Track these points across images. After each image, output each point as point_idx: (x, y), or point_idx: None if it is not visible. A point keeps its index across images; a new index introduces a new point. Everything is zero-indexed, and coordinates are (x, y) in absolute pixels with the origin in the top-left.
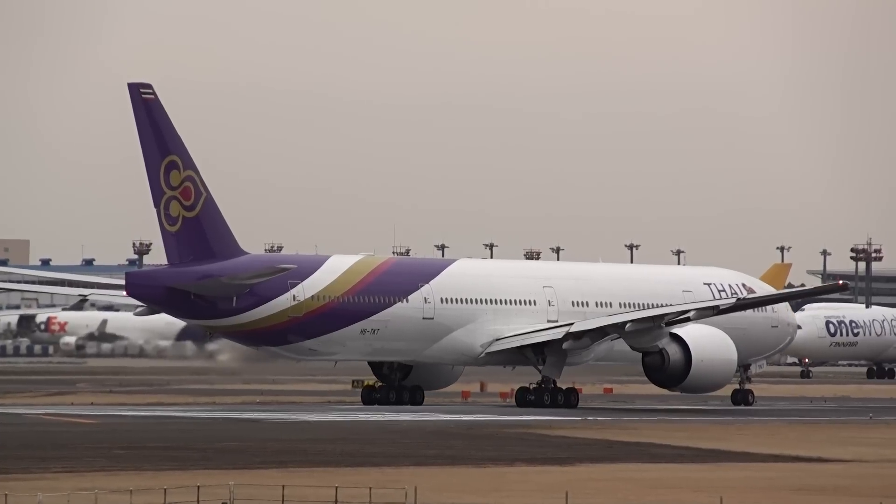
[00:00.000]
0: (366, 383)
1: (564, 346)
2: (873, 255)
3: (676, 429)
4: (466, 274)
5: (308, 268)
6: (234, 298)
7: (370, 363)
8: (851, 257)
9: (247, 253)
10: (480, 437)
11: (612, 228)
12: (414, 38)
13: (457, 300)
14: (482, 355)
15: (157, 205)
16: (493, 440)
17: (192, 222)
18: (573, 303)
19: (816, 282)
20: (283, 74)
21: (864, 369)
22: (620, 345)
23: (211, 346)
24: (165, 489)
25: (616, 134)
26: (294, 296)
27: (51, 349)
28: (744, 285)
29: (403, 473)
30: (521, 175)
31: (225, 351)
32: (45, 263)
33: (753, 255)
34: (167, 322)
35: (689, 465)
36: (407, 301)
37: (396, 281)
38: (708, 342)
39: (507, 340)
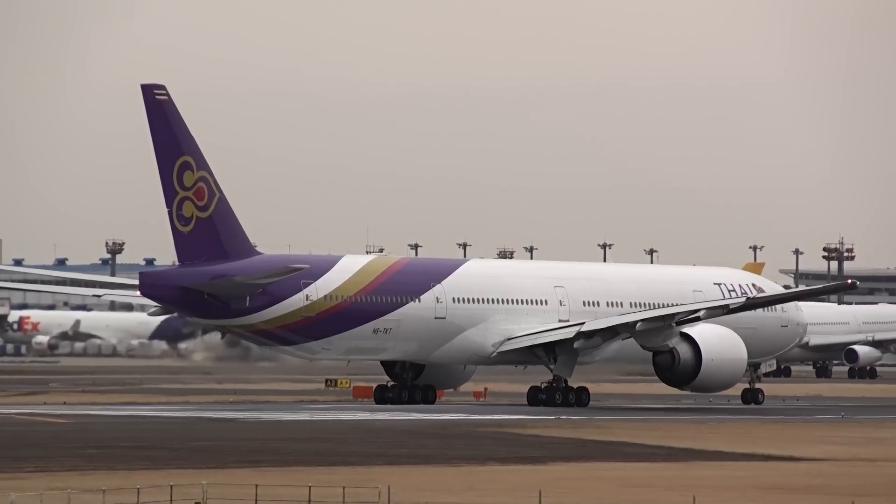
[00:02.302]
0: (341, 384)
1: (576, 345)
2: (845, 254)
3: (649, 428)
4: (478, 274)
5: (321, 268)
6: (248, 298)
7: (382, 362)
8: (824, 257)
9: (260, 253)
10: (454, 437)
11: (585, 227)
12: (391, 39)
13: (469, 300)
14: (494, 355)
15: (169, 205)
16: (466, 439)
17: (206, 222)
18: (584, 302)
19: (788, 281)
20: (256, 71)
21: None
22: (631, 344)
23: (184, 346)
24: (138, 488)
25: (588, 134)
26: (307, 295)
27: (23, 348)
28: (754, 285)
29: (377, 472)
30: (495, 174)
31: (198, 350)
32: (18, 263)
33: (726, 255)
34: (140, 321)
35: (661, 463)
36: (419, 301)
37: (408, 281)
38: (718, 341)
39: (519, 340)
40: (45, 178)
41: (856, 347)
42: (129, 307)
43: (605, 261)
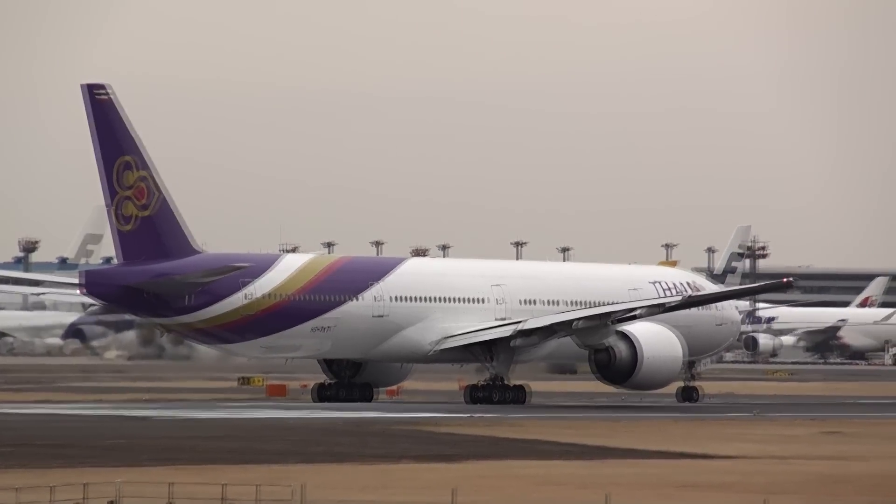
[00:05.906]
0: (252, 381)
1: (513, 343)
2: (759, 252)
3: (563, 425)
4: (417, 272)
5: (261, 266)
6: (188, 297)
7: (321, 360)
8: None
9: (200, 252)
10: (368, 434)
11: (498, 225)
12: (300, 46)
13: (407, 298)
14: (432, 353)
15: (109, 204)
16: (380, 437)
17: (147, 222)
18: (522, 301)
19: None
20: (172, 80)
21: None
22: (569, 342)
23: (97, 344)
24: (52, 487)
25: (503, 130)
26: (247, 294)
27: None
28: (689, 284)
29: (291, 471)
30: (407, 172)
31: (111, 349)
32: None
33: (639, 252)
34: (53, 320)
35: (575, 461)
36: (358, 299)
37: (348, 279)
38: (655, 339)
39: (457, 338)
40: None
41: None
42: (41, 306)
43: (517, 258)
